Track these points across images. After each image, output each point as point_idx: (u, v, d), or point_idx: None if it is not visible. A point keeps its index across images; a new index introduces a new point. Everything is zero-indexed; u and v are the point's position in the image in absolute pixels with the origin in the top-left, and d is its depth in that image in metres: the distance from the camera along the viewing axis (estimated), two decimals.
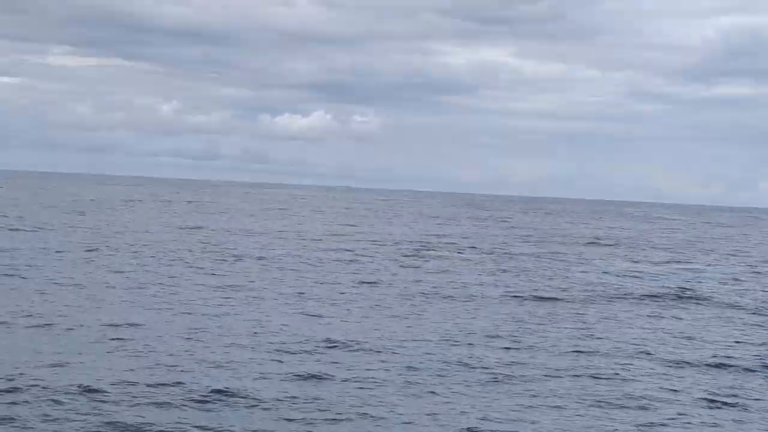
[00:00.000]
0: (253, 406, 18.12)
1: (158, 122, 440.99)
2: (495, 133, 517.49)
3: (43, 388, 18.39)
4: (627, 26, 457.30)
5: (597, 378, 21.84)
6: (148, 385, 18.96)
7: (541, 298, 35.24)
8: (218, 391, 18.77)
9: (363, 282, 37.71)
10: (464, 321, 29.15)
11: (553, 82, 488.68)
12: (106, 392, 18.32)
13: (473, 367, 22.23)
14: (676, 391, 21.13)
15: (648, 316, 32.50)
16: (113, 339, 23.40)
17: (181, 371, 20.37)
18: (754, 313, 34.49)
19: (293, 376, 20.47)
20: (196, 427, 16.67)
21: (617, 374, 22.35)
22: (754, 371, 23.87)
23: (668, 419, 18.76)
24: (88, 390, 18.36)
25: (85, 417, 16.85)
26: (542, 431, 17.61)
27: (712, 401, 20.37)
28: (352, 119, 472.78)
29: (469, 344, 25.09)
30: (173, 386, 19.04)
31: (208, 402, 18.22)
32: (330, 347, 23.79)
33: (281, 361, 21.96)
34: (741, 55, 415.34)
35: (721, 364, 24.39)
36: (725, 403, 20.29)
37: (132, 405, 17.68)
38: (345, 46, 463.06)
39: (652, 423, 18.43)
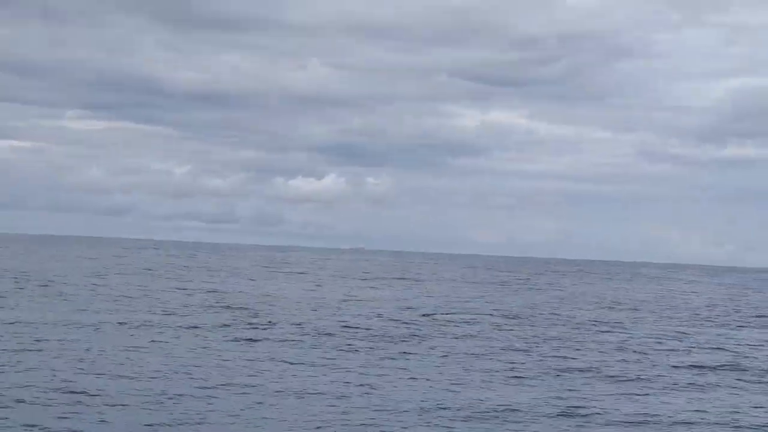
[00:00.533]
0: None
1: (173, 185, 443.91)
2: (508, 195, 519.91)
3: None
4: (638, 88, 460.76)
5: None
6: None
7: None
8: None
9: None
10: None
11: (565, 144, 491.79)
12: None
13: None
14: None
15: None
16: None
17: None
18: None
19: None
20: None
21: None
22: None
23: None
24: None
25: None
26: None
27: None
28: (365, 181, 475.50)
29: None
30: None
31: None
32: None
33: None
34: (752, 116, 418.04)
35: None
36: None
37: None
38: (357, 108, 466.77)
39: None
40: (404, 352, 38.58)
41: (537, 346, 42.72)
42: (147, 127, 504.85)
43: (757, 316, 70.27)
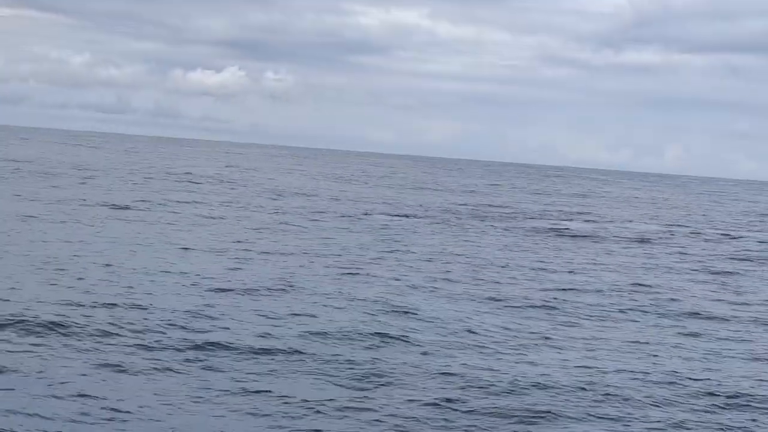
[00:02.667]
0: None
1: (69, 75, 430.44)
2: (407, 94, 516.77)
3: None
4: None
5: None
6: None
7: None
8: None
9: None
10: None
11: (464, 45, 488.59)
12: None
13: None
14: None
15: None
16: None
17: None
18: None
19: None
20: None
21: None
22: None
23: None
24: None
25: None
26: None
27: None
28: (265, 76, 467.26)
29: None
30: None
31: None
32: None
33: None
34: (651, 23, 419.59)
35: None
36: None
37: None
38: (258, 3, 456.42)
39: None
40: None
41: None
42: (47, 15, 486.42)
43: None
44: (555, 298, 29.18)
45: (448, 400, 17.13)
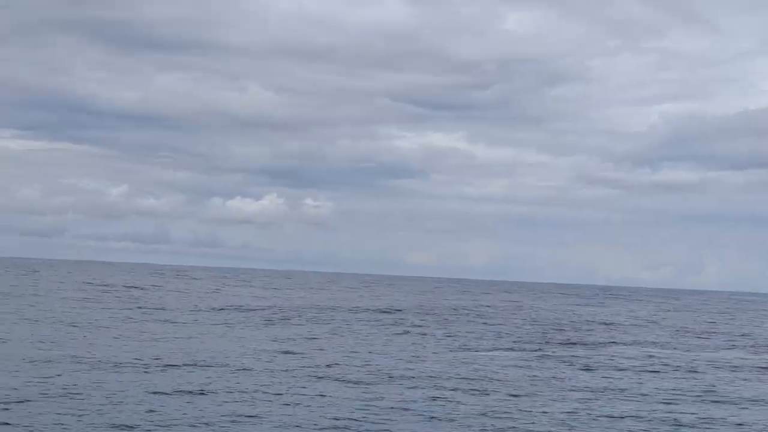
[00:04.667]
0: None
1: (106, 206, 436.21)
2: (446, 217, 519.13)
3: None
4: (574, 113, 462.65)
5: None
6: None
7: None
8: None
9: None
10: None
11: (502, 167, 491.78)
12: None
13: None
14: None
15: None
16: None
17: None
18: None
19: None
20: None
21: None
22: None
23: None
24: None
25: None
26: None
27: None
28: (304, 203, 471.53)
29: None
30: None
31: None
32: None
33: None
34: (685, 141, 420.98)
35: None
36: None
37: None
38: (296, 132, 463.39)
39: None
40: None
41: None
42: (82, 147, 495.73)
43: None
44: None
45: None
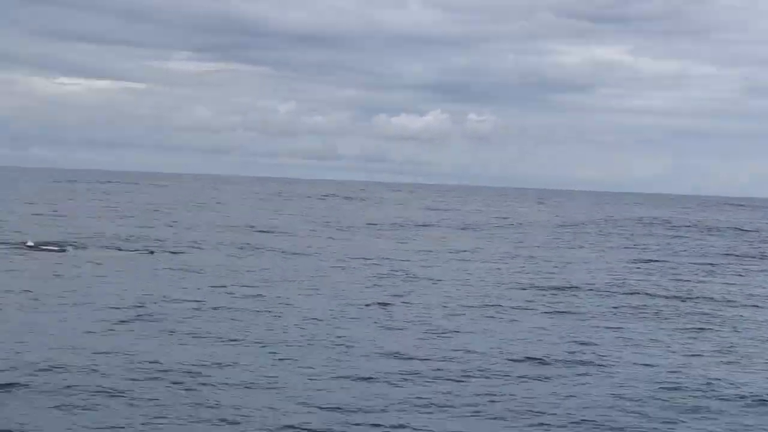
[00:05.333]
0: None
1: (276, 124, 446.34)
2: (609, 131, 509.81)
3: None
4: (742, 22, 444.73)
5: None
6: None
7: None
8: None
9: None
10: None
11: (668, 80, 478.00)
12: None
13: None
14: None
15: None
16: None
17: None
18: None
19: None
20: None
21: None
22: None
23: None
24: None
25: None
26: None
27: None
28: (468, 119, 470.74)
29: None
30: None
31: None
32: None
33: None
34: None
35: None
36: None
37: None
38: (459, 48, 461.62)
39: None
40: None
41: None
42: (251, 68, 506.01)
43: None
44: None
45: None
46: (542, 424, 17.80)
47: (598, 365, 22.70)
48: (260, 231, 62.23)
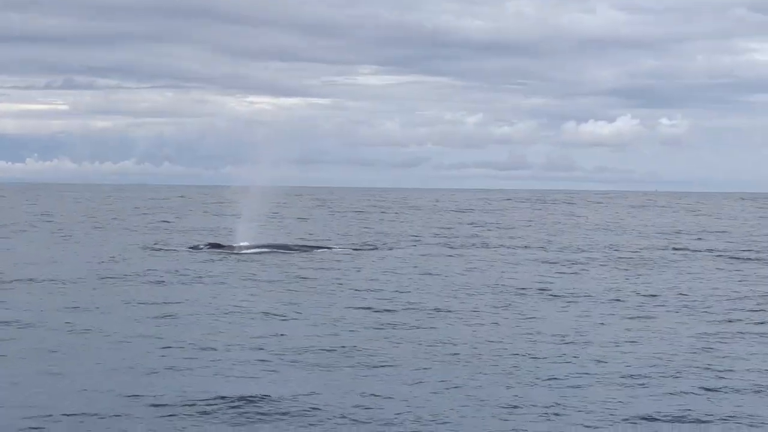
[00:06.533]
0: None
1: (463, 135, 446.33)
2: None
3: None
4: None
5: None
6: None
7: None
8: None
9: None
10: None
11: None
12: None
13: None
14: None
15: None
16: None
17: None
18: None
19: None
20: None
21: None
22: None
23: None
24: None
25: None
26: None
27: None
28: (659, 123, 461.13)
29: None
30: None
31: None
32: None
33: None
34: None
35: None
36: None
37: None
38: (648, 50, 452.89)
39: None
40: None
41: None
42: (436, 79, 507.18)
43: None
44: None
45: None
46: None
47: None
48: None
